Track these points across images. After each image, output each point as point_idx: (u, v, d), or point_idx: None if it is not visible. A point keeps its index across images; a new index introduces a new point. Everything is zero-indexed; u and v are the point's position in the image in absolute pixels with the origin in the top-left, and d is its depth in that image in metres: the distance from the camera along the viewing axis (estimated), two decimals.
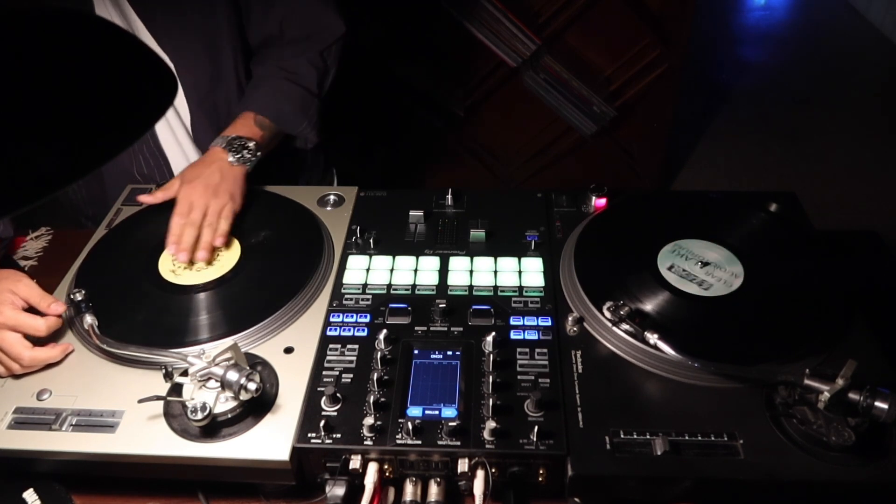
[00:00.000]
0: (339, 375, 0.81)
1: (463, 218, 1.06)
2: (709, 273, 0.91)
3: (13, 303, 0.85)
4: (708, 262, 0.92)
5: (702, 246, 0.95)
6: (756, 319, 0.86)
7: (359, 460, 0.74)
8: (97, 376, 0.83)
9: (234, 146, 1.08)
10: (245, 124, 1.12)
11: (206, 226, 0.99)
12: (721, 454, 0.72)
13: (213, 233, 0.98)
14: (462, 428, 0.74)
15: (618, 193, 1.07)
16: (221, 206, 1.01)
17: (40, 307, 0.86)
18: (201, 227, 0.98)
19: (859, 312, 0.85)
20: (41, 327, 0.84)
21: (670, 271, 0.91)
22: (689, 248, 0.95)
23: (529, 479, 0.75)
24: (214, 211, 1.00)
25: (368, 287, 0.94)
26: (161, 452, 0.75)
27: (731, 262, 0.92)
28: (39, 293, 0.87)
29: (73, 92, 0.47)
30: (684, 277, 0.90)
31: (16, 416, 0.79)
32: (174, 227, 0.98)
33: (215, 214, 1.00)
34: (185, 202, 1.00)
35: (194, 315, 0.90)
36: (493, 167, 2.64)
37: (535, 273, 0.95)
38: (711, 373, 0.78)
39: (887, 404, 0.68)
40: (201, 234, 0.98)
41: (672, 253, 0.94)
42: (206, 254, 0.96)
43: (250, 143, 1.09)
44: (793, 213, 1.03)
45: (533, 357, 0.82)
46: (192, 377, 0.75)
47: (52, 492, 0.81)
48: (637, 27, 2.26)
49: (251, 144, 1.09)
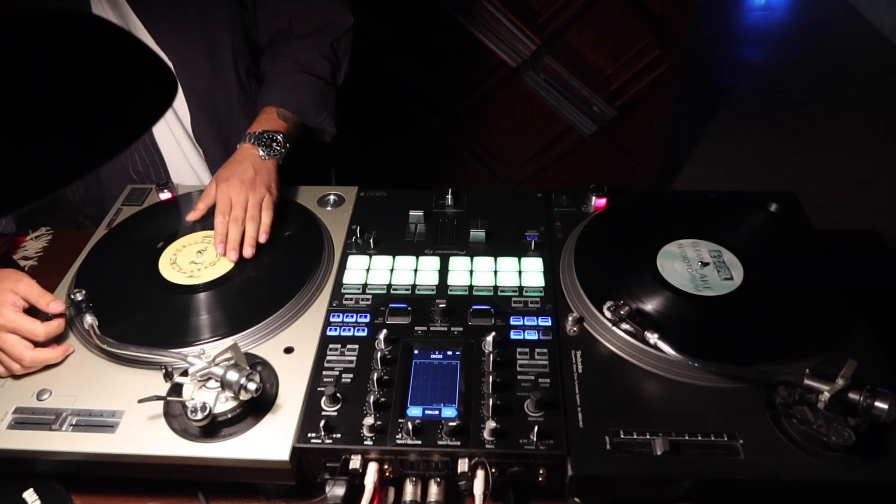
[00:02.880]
0: (339, 375, 0.81)
1: (463, 218, 1.06)
2: (709, 273, 0.91)
3: (14, 304, 0.85)
4: (708, 261, 0.92)
5: (702, 246, 0.95)
6: (756, 319, 0.86)
7: (359, 460, 0.74)
8: (97, 376, 0.83)
9: (262, 140, 1.09)
10: (269, 118, 1.13)
11: (248, 219, 1.00)
12: (721, 454, 0.72)
13: (256, 227, 1.00)
14: (462, 428, 0.74)
15: (618, 193, 1.07)
16: (260, 198, 1.02)
17: (39, 306, 0.87)
18: (244, 223, 1.00)
19: (859, 312, 0.85)
20: (40, 332, 0.84)
21: (670, 271, 0.91)
22: (689, 248, 0.95)
23: (529, 479, 0.75)
24: (255, 204, 1.01)
25: (368, 287, 0.94)
26: (161, 452, 0.75)
27: (731, 262, 0.92)
28: (39, 292, 0.87)
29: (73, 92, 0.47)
30: (684, 277, 0.90)
31: (16, 416, 0.79)
32: (218, 226, 0.99)
33: (256, 207, 1.01)
34: (224, 200, 1.01)
35: (194, 315, 0.90)
36: (493, 167, 2.64)
37: (535, 273, 0.95)
38: (711, 373, 0.78)
39: (887, 404, 0.68)
40: (246, 230, 0.99)
41: (672, 253, 0.94)
42: (252, 249, 0.97)
43: (278, 136, 1.10)
44: (793, 213, 1.03)
45: (533, 357, 0.82)
46: (192, 377, 0.75)
47: (52, 492, 0.81)
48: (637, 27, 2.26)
49: (279, 137, 1.10)
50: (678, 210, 1.06)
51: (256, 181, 1.04)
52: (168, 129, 1.21)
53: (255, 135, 1.09)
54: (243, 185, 1.02)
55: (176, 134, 1.22)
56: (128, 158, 1.22)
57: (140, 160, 1.22)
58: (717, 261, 0.92)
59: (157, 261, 0.98)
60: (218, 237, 0.98)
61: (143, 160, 1.22)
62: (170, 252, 1.00)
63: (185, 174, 1.26)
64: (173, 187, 1.13)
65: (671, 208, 1.07)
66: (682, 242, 0.96)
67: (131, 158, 1.22)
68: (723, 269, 0.91)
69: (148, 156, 1.22)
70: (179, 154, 1.24)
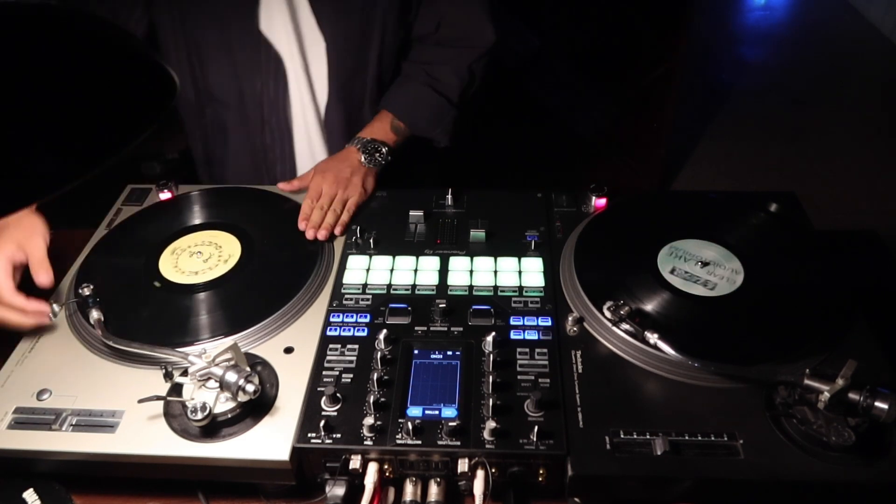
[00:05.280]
0: (339, 375, 0.81)
1: (463, 218, 1.06)
2: (709, 273, 0.91)
3: (11, 257, 0.87)
4: (708, 261, 0.92)
5: (701, 246, 0.95)
6: (756, 319, 0.86)
7: (359, 460, 0.74)
8: (97, 376, 0.83)
9: (368, 149, 1.14)
10: (382, 127, 1.18)
11: (330, 211, 1.05)
12: (721, 454, 0.72)
13: (335, 218, 1.04)
14: (462, 428, 0.74)
15: (618, 193, 1.07)
16: (347, 196, 1.08)
17: (32, 270, 0.89)
18: (326, 213, 1.05)
19: (859, 312, 0.85)
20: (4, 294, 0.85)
21: (670, 271, 0.91)
22: (689, 248, 0.95)
23: (529, 479, 0.75)
24: (340, 200, 1.07)
25: (368, 287, 0.94)
26: (161, 452, 0.75)
27: (731, 262, 0.92)
28: (39, 258, 0.89)
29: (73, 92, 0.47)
30: (684, 277, 0.90)
31: (16, 416, 0.79)
32: (305, 207, 1.05)
33: (340, 203, 1.07)
34: (315, 189, 1.08)
35: (195, 315, 0.90)
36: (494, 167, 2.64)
37: (535, 273, 0.95)
38: (711, 373, 0.78)
39: (887, 404, 0.68)
40: (326, 218, 1.04)
41: (672, 253, 0.94)
42: (326, 233, 1.02)
43: (384, 148, 1.15)
44: (793, 213, 1.03)
45: (533, 357, 0.82)
46: (191, 377, 0.75)
47: (52, 492, 0.81)
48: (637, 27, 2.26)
49: (384, 149, 1.15)
50: (678, 210, 1.06)
51: (351, 181, 1.09)
52: (302, 108, 1.23)
53: (364, 141, 1.15)
54: (337, 180, 1.08)
55: (307, 115, 1.23)
56: (262, 127, 1.24)
57: (269, 133, 1.25)
58: (717, 261, 0.92)
59: (158, 260, 0.98)
60: (302, 215, 1.04)
61: (272, 134, 1.25)
62: (171, 252, 1.00)
63: (307, 159, 1.28)
64: (173, 187, 1.13)
65: (671, 208, 1.07)
66: (682, 242, 0.95)
67: (265, 129, 1.24)
68: (723, 269, 0.91)
69: (278, 130, 1.25)
70: (306, 135, 1.26)
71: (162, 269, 0.97)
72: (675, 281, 0.89)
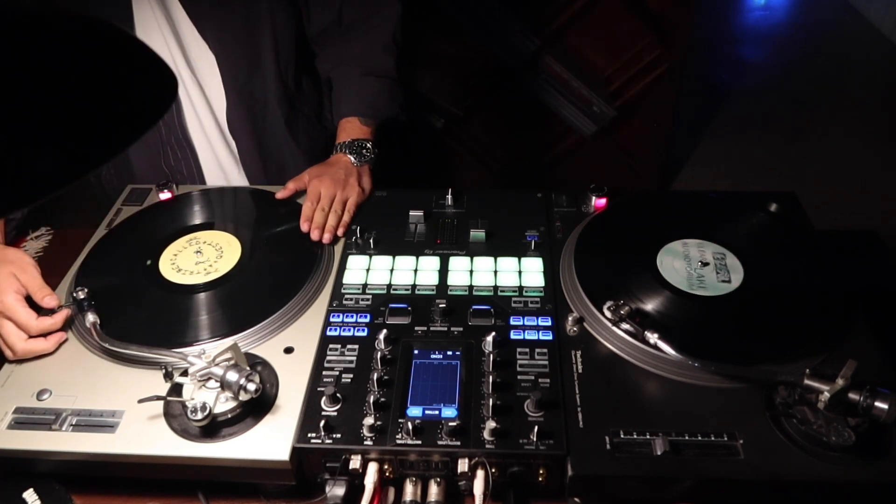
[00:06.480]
0: (339, 375, 0.81)
1: (463, 218, 1.06)
2: (709, 273, 0.91)
3: (17, 290, 0.87)
4: (708, 261, 0.92)
5: (702, 246, 0.95)
6: (756, 319, 0.86)
7: (359, 460, 0.74)
8: (97, 376, 0.83)
9: (353, 148, 1.15)
10: (353, 127, 1.19)
11: (331, 213, 1.05)
12: (721, 454, 0.72)
13: (337, 220, 1.05)
14: (462, 428, 0.74)
15: (618, 193, 1.07)
16: (346, 197, 1.08)
17: (35, 298, 0.88)
18: (328, 214, 1.05)
19: (859, 312, 0.85)
20: (32, 327, 0.85)
21: (670, 271, 0.91)
22: (689, 248, 0.95)
23: (529, 479, 0.75)
24: (340, 200, 1.07)
25: (368, 287, 0.94)
26: (161, 452, 0.75)
27: (731, 262, 0.92)
28: (39, 284, 0.89)
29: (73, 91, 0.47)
30: (684, 277, 0.90)
31: (16, 416, 0.79)
32: (305, 209, 1.05)
33: (341, 204, 1.07)
34: (314, 192, 1.08)
35: (195, 315, 0.90)
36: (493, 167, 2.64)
37: (535, 273, 0.95)
38: (711, 373, 0.78)
39: (887, 404, 0.68)
40: (328, 220, 1.04)
41: (672, 253, 0.94)
42: (330, 236, 1.02)
43: (367, 143, 1.16)
44: (793, 213, 1.03)
45: (533, 357, 0.82)
46: (192, 377, 0.75)
47: (52, 492, 0.81)
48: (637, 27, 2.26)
49: (368, 144, 1.17)
50: (678, 210, 1.06)
51: (348, 182, 1.10)
52: (199, 122, 1.21)
53: (346, 144, 1.15)
54: (334, 182, 1.09)
55: (208, 129, 1.22)
56: (160, 152, 1.23)
57: (172, 154, 1.23)
58: (717, 261, 0.92)
59: (158, 261, 0.98)
60: (304, 217, 1.04)
61: (174, 154, 1.23)
62: (171, 252, 1.00)
63: (215, 172, 1.27)
64: (173, 187, 1.13)
65: (671, 208, 1.07)
66: (682, 242, 0.95)
67: (164, 152, 1.23)
68: (723, 269, 0.91)
69: (180, 149, 1.23)
70: (209, 148, 1.24)
71: (162, 269, 0.97)
72: (675, 281, 0.89)
